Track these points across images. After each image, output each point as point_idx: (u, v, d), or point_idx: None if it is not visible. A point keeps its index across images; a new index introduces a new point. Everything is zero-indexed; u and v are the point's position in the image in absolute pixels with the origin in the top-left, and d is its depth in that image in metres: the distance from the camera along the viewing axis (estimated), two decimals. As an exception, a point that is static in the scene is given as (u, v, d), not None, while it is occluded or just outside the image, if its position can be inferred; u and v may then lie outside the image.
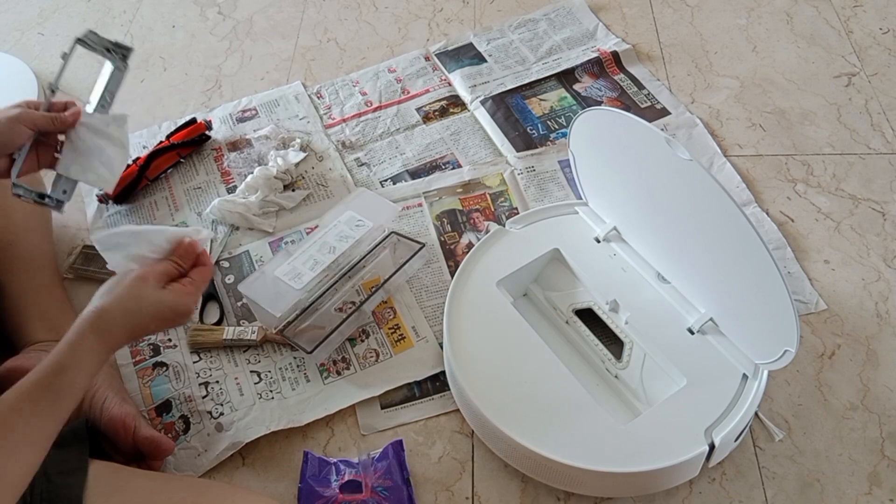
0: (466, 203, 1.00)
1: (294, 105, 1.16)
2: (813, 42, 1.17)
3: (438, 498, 0.75)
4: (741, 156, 1.03)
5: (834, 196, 0.97)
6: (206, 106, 1.19)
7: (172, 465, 0.78)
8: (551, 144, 1.06)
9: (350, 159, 1.08)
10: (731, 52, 1.17)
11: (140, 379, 0.85)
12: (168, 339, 0.89)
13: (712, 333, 0.76)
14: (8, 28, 1.40)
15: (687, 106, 1.09)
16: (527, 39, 1.22)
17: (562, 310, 0.84)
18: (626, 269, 0.83)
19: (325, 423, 0.81)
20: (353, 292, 0.91)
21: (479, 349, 0.78)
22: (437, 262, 0.94)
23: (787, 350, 0.68)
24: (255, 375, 0.85)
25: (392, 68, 1.20)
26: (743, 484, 0.74)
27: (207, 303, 0.92)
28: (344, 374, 0.84)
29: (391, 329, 0.87)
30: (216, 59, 1.28)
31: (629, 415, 0.76)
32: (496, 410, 0.72)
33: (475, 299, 0.82)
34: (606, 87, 1.13)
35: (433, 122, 1.11)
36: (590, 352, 0.80)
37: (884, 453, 0.75)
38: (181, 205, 1.04)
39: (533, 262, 0.85)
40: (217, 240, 0.98)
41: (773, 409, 0.78)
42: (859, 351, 0.82)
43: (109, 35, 0.78)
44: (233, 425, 0.80)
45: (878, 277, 0.88)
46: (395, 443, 0.77)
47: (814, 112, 1.07)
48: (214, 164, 1.09)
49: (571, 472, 0.68)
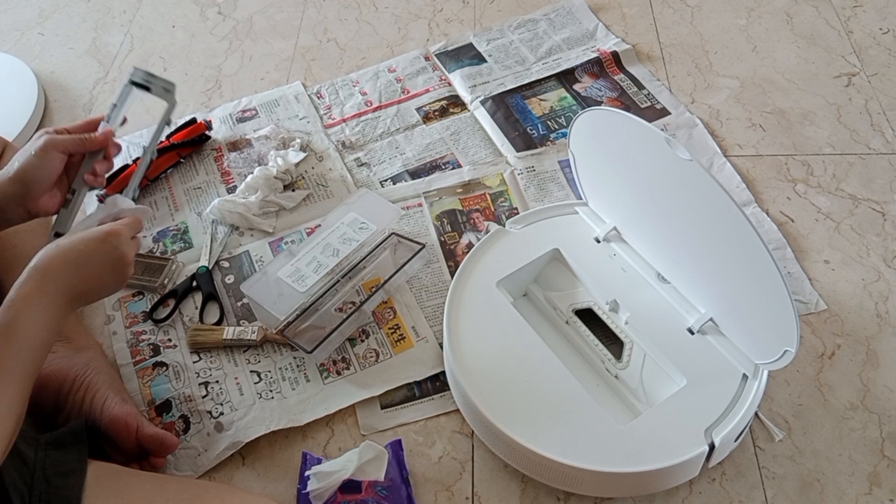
0: (466, 203, 1.00)
1: (294, 105, 1.16)
2: (813, 42, 1.17)
3: (438, 498, 0.75)
4: (741, 156, 1.03)
5: (834, 196, 0.97)
6: (206, 106, 1.19)
7: (172, 466, 0.78)
8: (551, 144, 1.06)
9: (350, 159, 1.08)
10: (731, 52, 1.17)
11: (140, 379, 0.85)
12: (168, 339, 0.89)
13: (712, 333, 0.76)
14: (8, 28, 1.40)
15: (687, 106, 1.09)
16: (527, 39, 1.22)
17: (562, 310, 0.84)
18: (626, 269, 0.83)
19: (325, 423, 0.81)
20: (354, 292, 0.91)
21: (479, 349, 0.78)
22: (437, 263, 0.94)
23: (787, 350, 0.68)
24: (255, 375, 0.85)
25: (392, 68, 1.20)
26: (743, 484, 0.74)
27: (207, 303, 0.92)
28: (344, 374, 0.84)
29: (391, 329, 0.87)
30: (216, 59, 1.28)
31: (629, 415, 0.76)
32: (496, 410, 0.72)
33: (475, 299, 0.82)
34: (606, 87, 1.13)
35: (433, 122, 1.11)
36: (590, 352, 0.80)
37: (884, 453, 0.75)
38: (181, 205, 1.04)
39: (533, 262, 0.85)
40: (217, 240, 0.98)
41: (773, 409, 0.78)
42: (859, 351, 0.82)
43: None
44: (233, 425, 0.80)
45: (878, 277, 0.88)
46: (395, 442, 0.77)
47: (814, 112, 1.07)
48: (214, 165, 1.09)
49: (571, 472, 0.68)
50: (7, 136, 0.97)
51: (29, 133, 1.16)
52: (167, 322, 0.90)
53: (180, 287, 0.93)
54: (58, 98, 1.24)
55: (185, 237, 1.00)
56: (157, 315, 0.91)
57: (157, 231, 1.01)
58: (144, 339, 0.89)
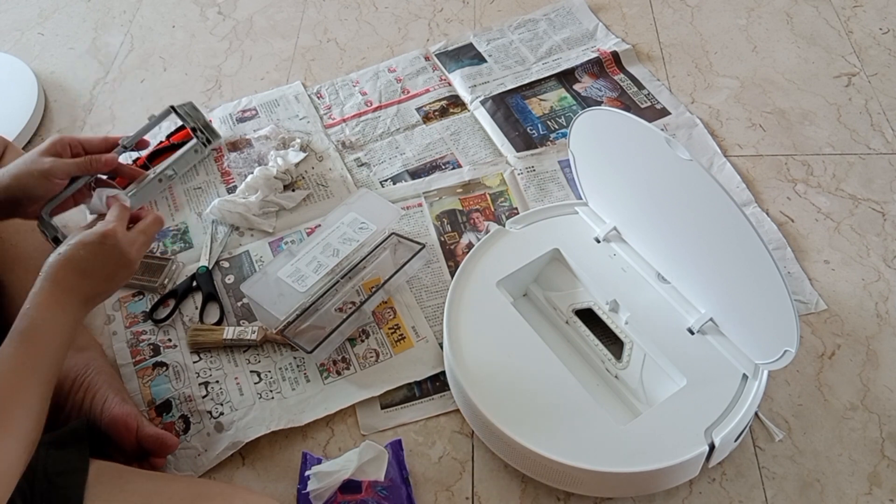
0: (466, 203, 1.00)
1: (294, 105, 1.16)
2: (813, 42, 1.17)
3: (438, 498, 0.75)
4: (741, 156, 1.03)
5: (834, 196, 0.97)
6: (206, 106, 1.19)
7: (172, 465, 0.78)
8: (551, 144, 1.06)
9: (350, 159, 1.08)
10: (731, 52, 1.17)
11: (140, 379, 0.85)
12: (168, 339, 0.89)
13: (712, 333, 0.76)
14: (8, 28, 1.40)
15: (687, 106, 1.09)
16: (527, 39, 1.22)
17: (562, 310, 0.84)
18: (626, 269, 0.83)
19: (325, 423, 0.81)
20: (354, 292, 0.91)
21: (479, 349, 0.78)
22: (437, 263, 0.94)
23: (787, 350, 0.68)
24: (255, 375, 0.85)
25: (392, 68, 1.20)
26: (743, 484, 0.74)
27: (207, 303, 0.92)
28: (344, 374, 0.84)
29: (391, 329, 0.87)
30: (216, 59, 1.28)
31: (629, 415, 0.76)
32: (496, 410, 0.72)
33: (475, 299, 0.82)
34: (606, 87, 1.13)
35: (433, 122, 1.11)
36: (590, 352, 0.80)
37: (884, 453, 0.75)
38: (181, 205, 1.04)
39: (533, 262, 0.85)
40: (217, 240, 0.98)
41: (773, 410, 0.78)
42: (859, 351, 0.82)
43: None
44: (233, 425, 0.80)
45: (878, 277, 0.88)
46: (395, 442, 0.77)
47: (814, 112, 1.07)
48: (214, 165, 1.09)
49: (571, 472, 0.68)
50: (7, 136, 0.97)
51: (29, 133, 1.16)
52: (167, 322, 0.90)
53: (180, 287, 0.93)
54: (58, 98, 1.24)
55: (186, 237, 1.00)
56: (157, 315, 0.91)
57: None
58: (144, 339, 0.89)
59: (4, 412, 0.56)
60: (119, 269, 0.67)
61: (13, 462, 0.55)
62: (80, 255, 0.65)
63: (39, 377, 0.60)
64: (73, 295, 0.64)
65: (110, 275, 0.67)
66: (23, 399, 0.58)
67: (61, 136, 0.75)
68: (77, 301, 0.65)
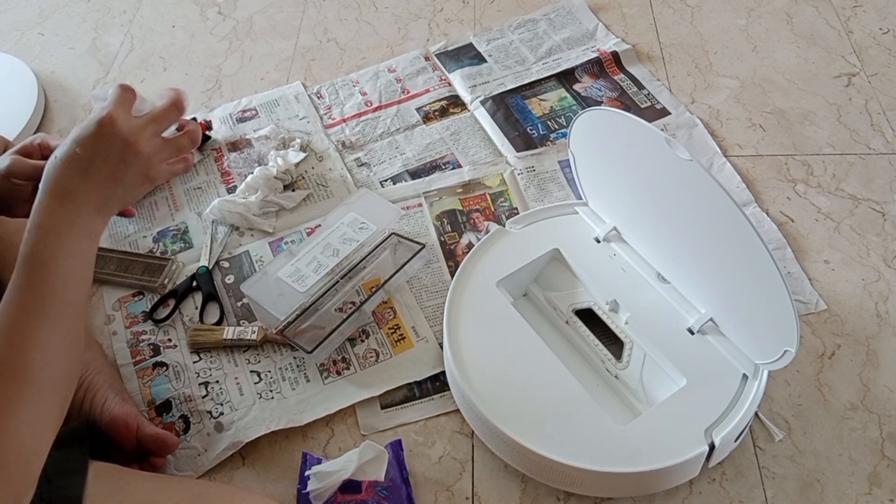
0: (466, 203, 1.00)
1: (294, 105, 1.16)
2: (813, 42, 1.17)
3: (438, 498, 0.75)
4: (741, 156, 1.03)
5: (834, 196, 0.97)
6: (206, 106, 1.19)
7: (172, 465, 0.78)
8: (551, 144, 1.06)
9: (350, 159, 1.08)
10: (731, 52, 1.17)
11: (140, 379, 0.85)
12: (168, 339, 0.89)
13: (712, 333, 0.76)
14: (8, 28, 1.40)
15: (687, 106, 1.09)
16: (527, 39, 1.22)
17: (562, 310, 0.84)
18: (626, 269, 0.83)
19: (325, 423, 0.81)
20: (354, 292, 0.91)
21: (479, 349, 0.78)
22: (437, 263, 0.94)
23: (787, 350, 0.68)
24: (255, 375, 0.85)
25: (392, 68, 1.20)
26: (743, 484, 0.74)
27: (207, 303, 0.92)
28: (344, 374, 0.84)
29: (391, 329, 0.87)
30: (216, 59, 1.28)
31: (629, 415, 0.76)
32: (496, 410, 0.72)
33: (475, 299, 0.82)
34: (606, 87, 1.13)
35: (433, 122, 1.11)
36: (590, 352, 0.80)
37: (884, 453, 0.75)
38: (181, 205, 1.04)
39: (533, 262, 0.85)
40: (217, 240, 0.98)
41: (773, 410, 0.78)
42: (859, 351, 0.82)
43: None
44: (233, 425, 0.80)
45: (878, 277, 0.88)
46: (395, 442, 0.77)
47: (814, 112, 1.07)
48: (214, 165, 1.09)
49: (571, 472, 0.68)
50: (7, 136, 0.97)
51: (29, 133, 1.16)
52: (167, 322, 0.90)
53: (180, 287, 0.93)
54: (58, 98, 1.24)
55: (185, 237, 1.00)
56: (157, 315, 0.91)
57: (157, 231, 1.01)
58: (144, 339, 0.89)
59: (19, 358, 0.49)
60: (125, 165, 0.56)
61: (43, 424, 0.48)
62: (76, 153, 0.55)
63: (55, 310, 0.51)
64: (80, 203, 0.55)
65: (117, 172, 0.56)
66: (38, 339, 0.50)
67: (43, 135, 0.68)
68: (86, 210, 0.55)
